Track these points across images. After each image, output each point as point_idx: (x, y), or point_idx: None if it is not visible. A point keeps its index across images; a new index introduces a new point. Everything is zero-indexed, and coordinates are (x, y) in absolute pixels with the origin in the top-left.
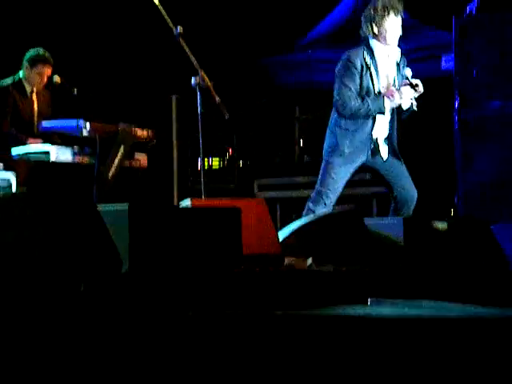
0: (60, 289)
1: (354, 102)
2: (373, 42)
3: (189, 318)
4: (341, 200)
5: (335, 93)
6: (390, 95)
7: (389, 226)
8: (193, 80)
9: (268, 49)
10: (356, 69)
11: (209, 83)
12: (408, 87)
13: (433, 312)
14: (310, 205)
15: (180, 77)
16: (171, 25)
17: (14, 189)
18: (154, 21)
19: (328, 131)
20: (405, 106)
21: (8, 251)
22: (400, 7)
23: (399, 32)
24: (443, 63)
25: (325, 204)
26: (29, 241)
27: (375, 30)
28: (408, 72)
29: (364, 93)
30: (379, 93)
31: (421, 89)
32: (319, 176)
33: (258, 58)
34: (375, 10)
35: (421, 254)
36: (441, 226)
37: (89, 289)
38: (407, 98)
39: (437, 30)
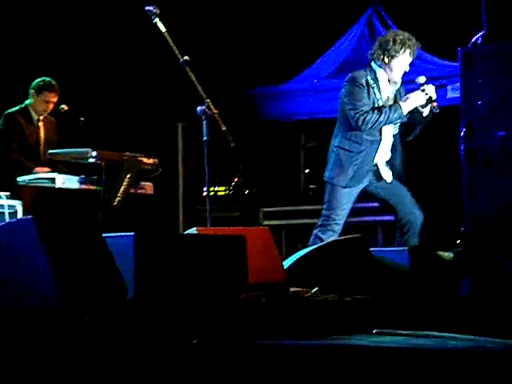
0: (64, 318)
1: (372, 114)
2: (377, 68)
3: (194, 347)
4: (347, 228)
5: (350, 111)
6: (406, 99)
7: (395, 256)
8: (199, 108)
9: (269, 78)
10: (363, 86)
11: (215, 111)
12: (419, 92)
13: (439, 343)
14: (318, 233)
15: (186, 105)
16: (178, 53)
17: (20, 216)
18: (160, 49)
19: (331, 154)
20: (425, 113)
21: (14, 278)
22: (416, 48)
23: (406, 69)
24: (449, 92)
25: (333, 231)
26: (34, 268)
27: (386, 60)
28: (421, 79)
29: (370, 109)
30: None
31: (433, 94)
32: (325, 201)
33: (250, 87)
34: (394, 42)
35: (426, 284)
36: (447, 255)
37: (93, 318)
38: (422, 101)
39: (440, 59)
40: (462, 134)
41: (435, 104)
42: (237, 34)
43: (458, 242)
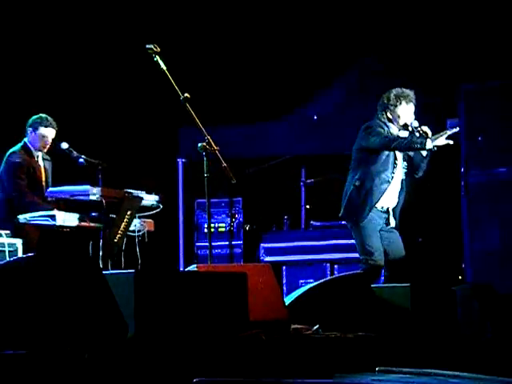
0: (65, 356)
1: (394, 136)
2: (390, 125)
3: None
4: (347, 266)
5: (376, 141)
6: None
7: (396, 293)
8: (199, 145)
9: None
10: (382, 127)
11: (215, 148)
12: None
13: (441, 381)
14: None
15: (187, 142)
16: (178, 90)
17: (20, 254)
18: (161, 85)
19: (346, 196)
20: (424, 152)
21: (15, 316)
22: (411, 96)
23: (411, 116)
24: (448, 128)
25: (376, 269)
26: (34, 306)
27: (389, 115)
28: (415, 123)
29: (385, 157)
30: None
31: (429, 134)
32: (357, 245)
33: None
34: (388, 99)
35: (428, 322)
36: None
37: (93, 356)
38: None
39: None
40: (462, 169)
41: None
42: (236, 71)
43: (460, 278)
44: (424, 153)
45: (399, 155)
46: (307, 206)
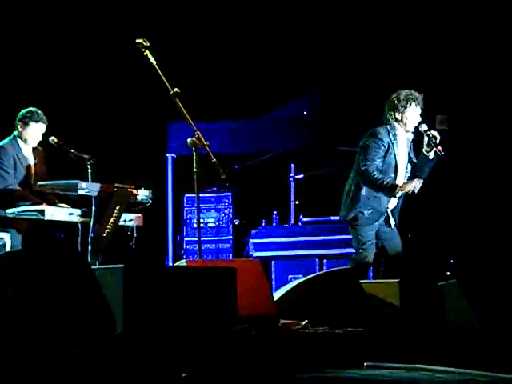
0: (52, 351)
1: (378, 175)
2: (396, 126)
3: (183, 380)
4: (335, 261)
5: (361, 163)
6: (400, 190)
7: (384, 288)
8: (189, 140)
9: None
10: (384, 146)
11: (205, 143)
12: (416, 180)
13: (429, 376)
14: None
15: (176, 136)
16: (168, 85)
17: (7, 248)
18: (150, 79)
19: (347, 197)
20: (430, 156)
21: (2, 311)
22: (420, 98)
23: (418, 119)
24: (438, 125)
25: (365, 265)
26: (21, 301)
27: (398, 116)
28: (424, 126)
29: (386, 167)
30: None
31: (437, 138)
32: (353, 244)
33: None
34: (398, 99)
35: (416, 317)
36: None
37: (82, 351)
38: (417, 188)
39: None
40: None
41: (440, 147)
42: (226, 66)
43: (448, 273)
44: (431, 156)
45: (401, 161)
46: (296, 202)
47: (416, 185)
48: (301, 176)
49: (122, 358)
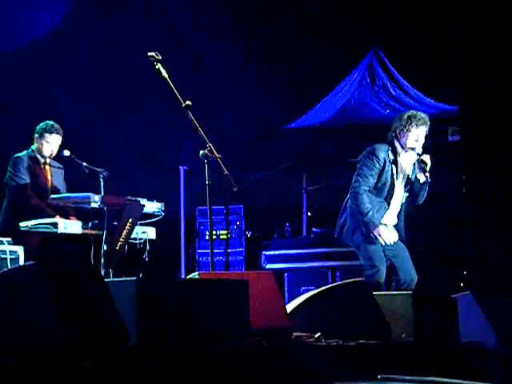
0: (66, 365)
1: (366, 197)
2: (396, 144)
3: None
4: (348, 273)
5: (354, 179)
6: (378, 234)
7: (398, 300)
8: (201, 152)
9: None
10: (379, 163)
11: (217, 156)
12: (394, 233)
13: None
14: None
15: (188, 149)
16: (180, 98)
17: (21, 261)
18: (163, 92)
19: (347, 215)
20: (421, 180)
21: (16, 323)
22: (424, 119)
23: (422, 140)
24: (450, 136)
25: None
26: (35, 313)
27: (398, 135)
28: (419, 149)
29: (381, 185)
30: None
31: (428, 163)
32: (362, 261)
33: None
34: (401, 118)
35: (430, 329)
36: None
37: (95, 365)
38: (392, 239)
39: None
40: (463, 177)
41: (428, 174)
42: (239, 77)
43: (462, 285)
44: (422, 180)
45: (399, 181)
46: (309, 214)
47: (390, 239)
48: (313, 188)
49: (135, 370)
